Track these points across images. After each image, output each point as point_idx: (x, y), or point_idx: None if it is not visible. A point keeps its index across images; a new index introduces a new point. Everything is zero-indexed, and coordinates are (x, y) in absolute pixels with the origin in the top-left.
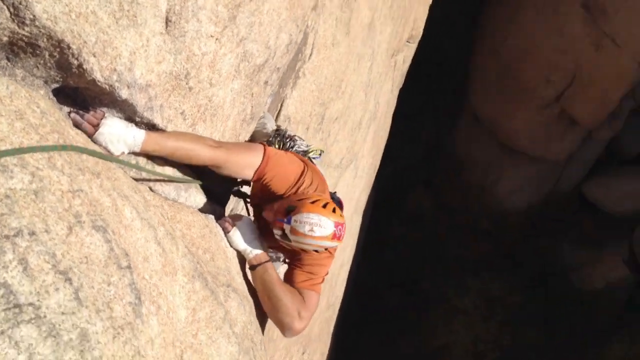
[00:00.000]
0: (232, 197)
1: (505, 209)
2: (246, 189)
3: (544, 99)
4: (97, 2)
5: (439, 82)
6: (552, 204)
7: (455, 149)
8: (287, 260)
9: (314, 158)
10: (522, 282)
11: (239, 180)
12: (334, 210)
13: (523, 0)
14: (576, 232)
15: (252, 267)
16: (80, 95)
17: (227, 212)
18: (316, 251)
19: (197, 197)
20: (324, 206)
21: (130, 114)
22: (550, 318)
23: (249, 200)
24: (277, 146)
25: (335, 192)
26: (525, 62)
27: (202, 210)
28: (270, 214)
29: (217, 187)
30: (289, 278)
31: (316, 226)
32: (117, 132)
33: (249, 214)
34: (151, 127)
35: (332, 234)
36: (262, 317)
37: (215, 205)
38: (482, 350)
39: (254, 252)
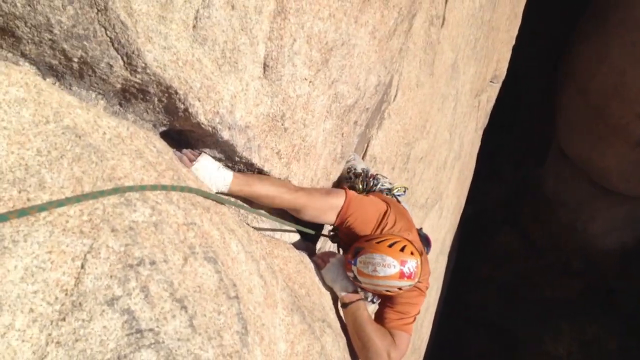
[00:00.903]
0: (322, 237)
1: (598, 249)
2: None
3: (636, 137)
4: (202, 50)
5: (524, 121)
6: None
7: (543, 188)
8: (376, 300)
9: (398, 195)
10: (618, 326)
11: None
12: (402, 249)
13: (611, 38)
14: None
15: (344, 305)
16: (184, 137)
17: (318, 248)
18: (400, 288)
19: (290, 234)
20: (391, 245)
21: (230, 154)
22: None
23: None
24: (360, 186)
25: (421, 229)
26: (614, 99)
27: (296, 246)
28: (347, 256)
29: (308, 225)
30: (379, 317)
31: (379, 266)
32: (209, 172)
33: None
34: (249, 166)
35: (399, 273)
36: (354, 356)
37: (307, 242)
38: None
39: (346, 290)
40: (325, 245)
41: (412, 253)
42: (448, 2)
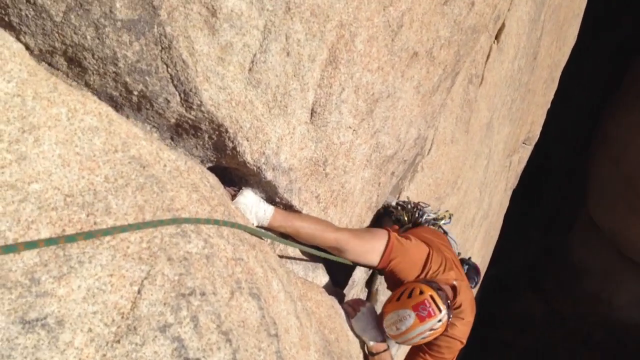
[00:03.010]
0: (350, 282)
1: (623, 321)
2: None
3: None
4: (254, 92)
5: (554, 185)
6: None
7: (569, 254)
8: None
9: (444, 224)
10: None
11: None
12: (410, 295)
13: None
14: None
15: (371, 354)
16: (229, 175)
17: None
18: (432, 329)
19: (322, 278)
20: (398, 299)
21: (271, 195)
22: None
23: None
24: (405, 218)
25: (469, 258)
26: None
27: (327, 291)
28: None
29: (339, 271)
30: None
31: (398, 322)
32: (251, 204)
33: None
34: (288, 207)
35: (417, 319)
36: None
37: (337, 287)
38: None
39: (375, 340)
40: (355, 291)
41: (420, 292)
42: (488, 62)
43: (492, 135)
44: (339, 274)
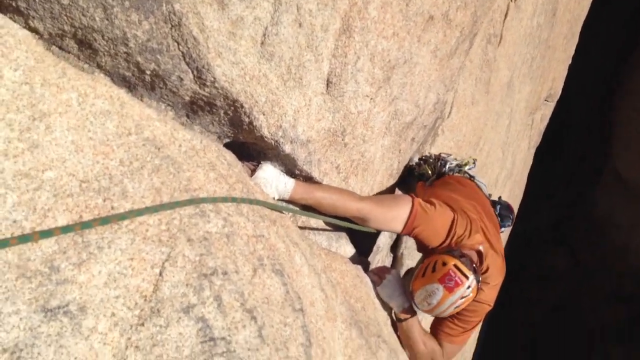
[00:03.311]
0: (375, 248)
1: None
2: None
3: None
4: (268, 66)
5: (578, 140)
6: None
7: (595, 209)
8: None
9: (469, 169)
10: None
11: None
12: (433, 269)
13: None
14: None
15: (398, 320)
16: (247, 149)
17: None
18: (462, 297)
19: (347, 247)
20: (424, 274)
21: (290, 167)
22: None
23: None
24: (429, 171)
25: (499, 198)
26: None
27: (351, 260)
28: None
29: (363, 239)
30: (436, 327)
31: (428, 297)
32: (271, 177)
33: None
34: (308, 179)
35: (446, 290)
36: None
37: (361, 256)
38: None
39: (403, 307)
40: (381, 259)
41: (443, 264)
42: (506, 21)
43: (513, 95)
44: (363, 242)
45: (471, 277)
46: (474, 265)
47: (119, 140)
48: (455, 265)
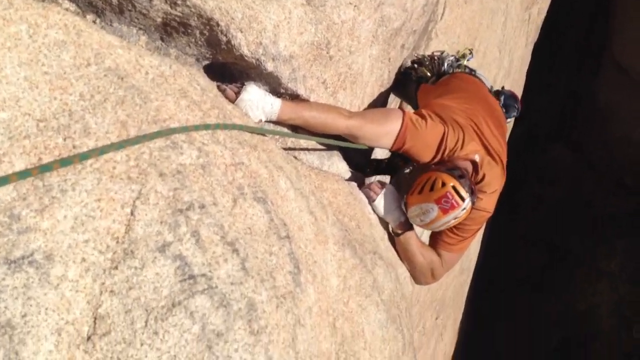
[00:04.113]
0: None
1: None
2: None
3: None
4: None
5: (576, 32)
6: None
7: (597, 101)
8: None
9: (468, 60)
10: None
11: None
12: (431, 188)
13: None
14: None
15: (396, 234)
16: (228, 70)
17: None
18: (455, 218)
19: (339, 164)
20: (420, 191)
21: (275, 86)
22: None
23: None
24: (428, 73)
25: (502, 88)
26: None
27: (345, 177)
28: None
29: (357, 155)
30: (435, 237)
31: (423, 215)
32: (256, 99)
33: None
34: (295, 97)
35: (440, 211)
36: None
37: (356, 172)
38: (628, 315)
39: (399, 221)
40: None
41: (442, 184)
42: None
43: None
44: (357, 156)
45: (467, 199)
46: (472, 186)
47: (77, 72)
48: (453, 187)
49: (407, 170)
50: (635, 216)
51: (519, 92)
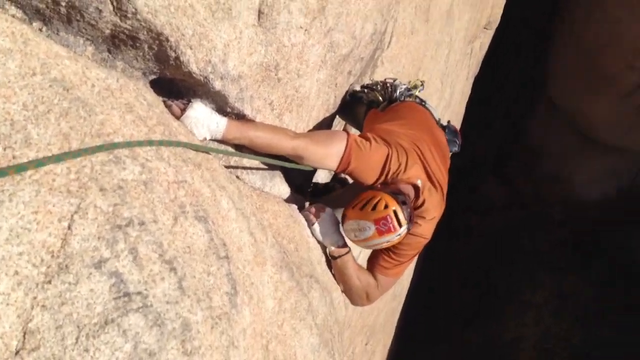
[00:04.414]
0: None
1: (581, 200)
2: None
3: (626, 87)
4: None
5: (515, 69)
6: (631, 197)
7: (530, 138)
8: None
9: (420, 91)
10: (596, 277)
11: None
12: (374, 208)
13: None
14: None
15: (333, 258)
16: (175, 86)
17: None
18: (388, 242)
19: (281, 186)
20: (362, 208)
21: (221, 105)
22: (624, 314)
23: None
24: (381, 98)
25: (449, 122)
26: (608, 47)
27: (286, 199)
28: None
29: (298, 177)
30: (372, 260)
31: (358, 231)
32: (202, 117)
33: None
34: (241, 117)
35: (376, 232)
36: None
37: (297, 194)
38: (552, 347)
39: (336, 244)
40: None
41: (385, 207)
42: None
43: (452, 23)
44: (299, 178)
45: (404, 226)
46: (411, 214)
47: (22, 81)
48: (394, 211)
49: (340, 192)
50: (560, 250)
51: (458, 124)
